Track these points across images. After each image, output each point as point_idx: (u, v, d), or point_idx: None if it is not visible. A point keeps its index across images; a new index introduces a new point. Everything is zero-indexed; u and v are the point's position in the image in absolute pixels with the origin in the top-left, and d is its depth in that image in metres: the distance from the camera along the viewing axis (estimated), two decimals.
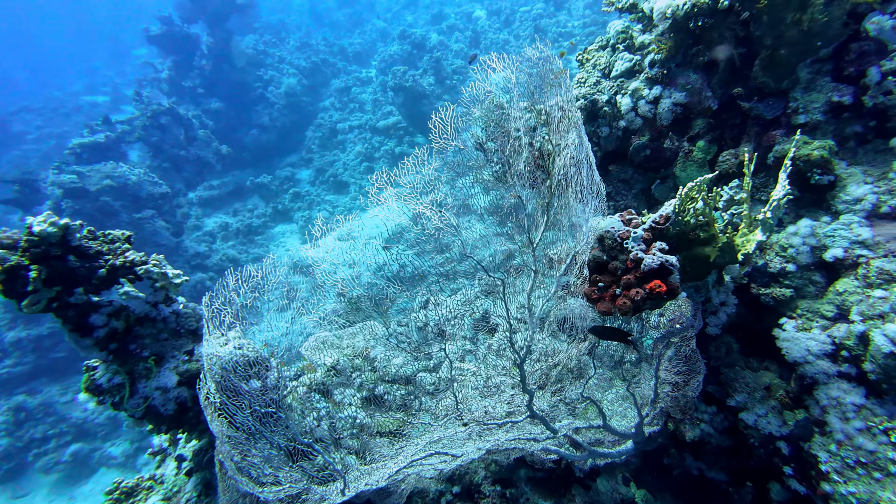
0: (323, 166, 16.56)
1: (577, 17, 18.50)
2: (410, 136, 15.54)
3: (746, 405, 3.29)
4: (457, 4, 26.08)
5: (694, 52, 3.35)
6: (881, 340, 2.51)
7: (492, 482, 4.01)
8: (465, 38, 20.43)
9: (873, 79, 2.93)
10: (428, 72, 15.24)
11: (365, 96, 19.27)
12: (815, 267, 3.00)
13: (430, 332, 5.04)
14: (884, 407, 2.73)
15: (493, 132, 4.46)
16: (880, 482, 2.63)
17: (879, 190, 2.88)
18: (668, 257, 2.58)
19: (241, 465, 2.18)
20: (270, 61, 21.65)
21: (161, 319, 3.15)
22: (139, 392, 2.95)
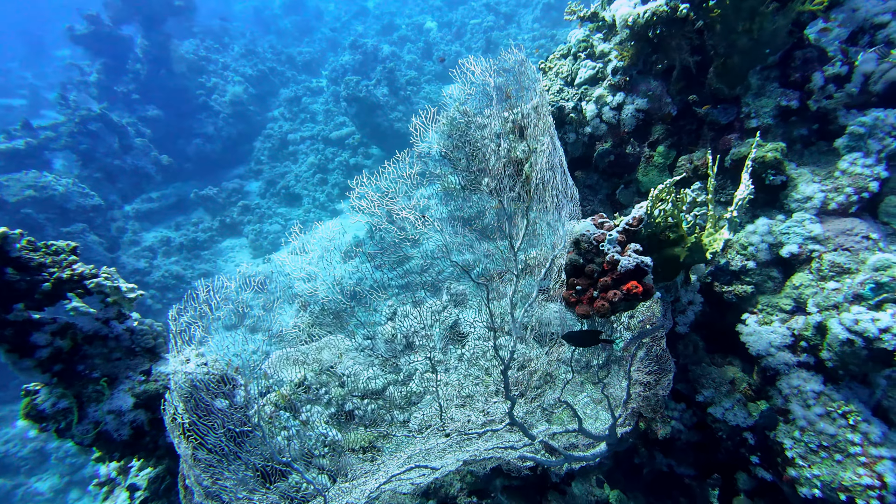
0: (274, 178, 16.06)
1: (527, 31, 19.02)
2: (365, 146, 15.37)
3: (714, 400, 3.40)
4: (407, 16, 26.21)
5: (653, 59, 3.48)
6: (837, 329, 2.66)
7: (468, 494, 3.93)
8: (417, 50, 20.53)
9: (817, 84, 3.14)
10: (381, 82, 15.15)
11: (316, 106, 18.92)
12: (773, 263, 3.16)
13: (399, 343, 4.92)
14: (840, 392, 2.90)
15: (459, 140, 4.45)
16: (841, 463, 2.78)
17: (827, 188, 3.07)
18: (644, 258, 2.63)
19: (212, 490, 2.00)
20: (213, 68, 20.88)
21: (113, 337, 2.88)
22: (89, 417, 2.68)
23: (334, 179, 14.61)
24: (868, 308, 2.59)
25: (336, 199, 14.23)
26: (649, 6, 3.18)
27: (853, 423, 2.77)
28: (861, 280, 2.67)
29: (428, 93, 16.52)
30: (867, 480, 2.67)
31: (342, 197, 14.30)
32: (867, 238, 2.90)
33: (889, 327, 2.47)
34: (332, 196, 14.34)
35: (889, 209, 3.01)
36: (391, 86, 15.37)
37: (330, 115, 17.63)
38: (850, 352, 2.65)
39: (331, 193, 14.41)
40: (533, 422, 3.44)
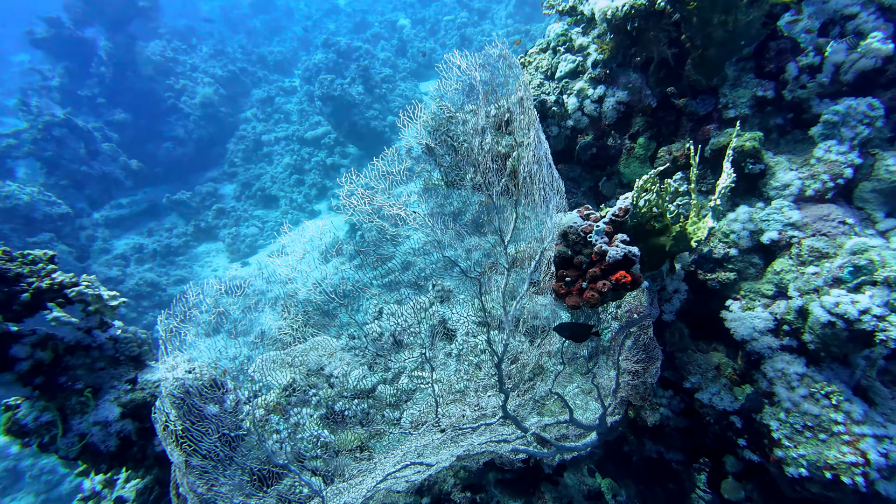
0: (249, 180, 15.76)
1: (501, 27, 19.07)
2: (342, 146, 15.20)
3: (701, 385, 3.46)
4: (380, 13, 26.02)
5: (632, 52, 3.51)
6: (819, 312, 2.73)
7: (461, 489, 3.93)
8: (391, 47, 20.39)
9: (791, 74, 3.21)
10: (356, 80, 15.00)
11: (290, 106, 18.63)
12: (754, 250, 3.22)
13: (386, 342, 4.87)
14: (822, 373, 2.98)
15: (446, 135, 4.42)
16: (826, 442, 2.86)
17: (803, 175, 3.15)
18: (631, 248, 2.65)
19: (207, 497, 1.95)
20: (181, 69, 20.38)
21: (96, 347, 2.77)
22: (73, 429, 2.58)
23: (311, 180, 14.42)
24: (847, 291, 2.66)
25: (314, 200, 14.04)
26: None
27: (836, 402, 2.85)
28: (840, 264, 2.75)
29: (404, 90, 16.44)
30: (851, 458, 2.75)
31: (320, 197, 14.13)
32: (843, 223, 2.99)
33: (868, 308, 2.55)
34: (310, 197, 14.15)
35: (863, 194, 3.10)
36: (366, 84, 15.23)
37: (304, 114, 17.38)
38: (832, 334, 2.72)
39: (308, 194, 14.21)
40: (525, 414, 3.45)
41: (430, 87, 17.70)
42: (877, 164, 3.08)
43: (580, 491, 4.06)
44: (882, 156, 3.07)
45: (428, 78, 18.58)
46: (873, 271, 2.60)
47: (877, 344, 2.56)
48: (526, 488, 4.06)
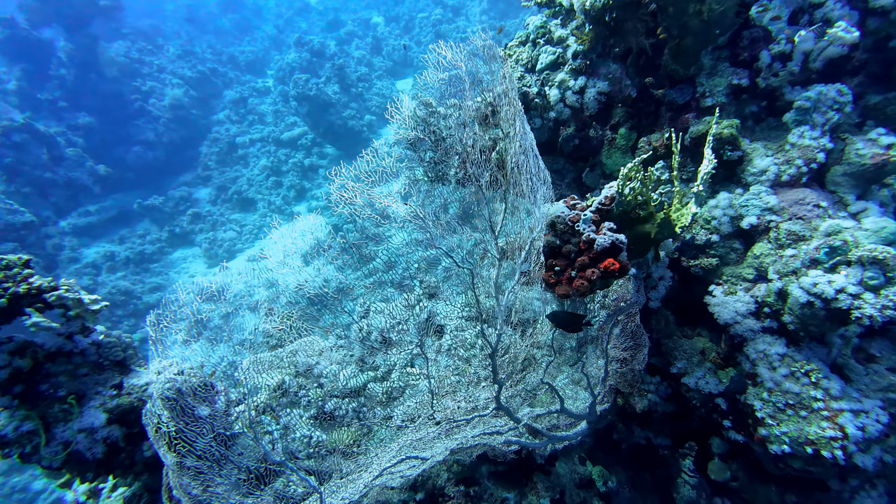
0: (224, 183, 15.45)
1: (476, 23, 19.09)
2: (319, 146, 15.01)
3: (687, 370, 3.53)
4: (352, 11, 25.78)
5: (611, 43, 3.56)
6: (798, 293, 2.81)
7: (455, 483, 3.93)
8: (365, 46, 20.23)
9: (765, 62, 3.30)
10: (332, 80, 14.84)
11: (264, 107, 18.33)
12: (735, 235, 3.30)
13: (374, 341, 4.84)
14: (802, 353, 3.07)
15: (435, 127, 4.40)
16: (806, 419, 2.95)
17: (779, 161, 3.24)
18: (618, 236, 2.69)
19: (202, 499, 1.90)
20: (148, 70, 19.86)
21: (79, 353, 2.67)
22: (57, 438, 2.49)
23: (289, 182, 14.21)
24: (824, 271, 2.75)
25: (293, 202, 13.84)
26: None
27: (815, 380, 2.95)
28: (816, 245, 2.83)
29: (380, 89, 16.33)
30: (830, 433, 2.85)
31: (299, 199, 13.93)
32: (818, 206, 3.09)
33: (844, 287, 2.64)
34: (289, 199, 13.95)
35: (835, 178, 3.21)
36: (342, 83, 15.08)
37: (279, 115, 17.12)
38: (810, 313, 2.81)
39: (287, 196, 14.00)
40: (516, 405, 3.47)
41: (407, 85, 17.63)
42: (847, 148, 3.19)
43: (572, 479, 4.10)
44: (852, 140, 3.18)
45: (404, 76, 18.50)
46: (847, 251, 2.69)
47: (852, 321, 2.65)
48: (518, 479, 4.08)
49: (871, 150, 3.07)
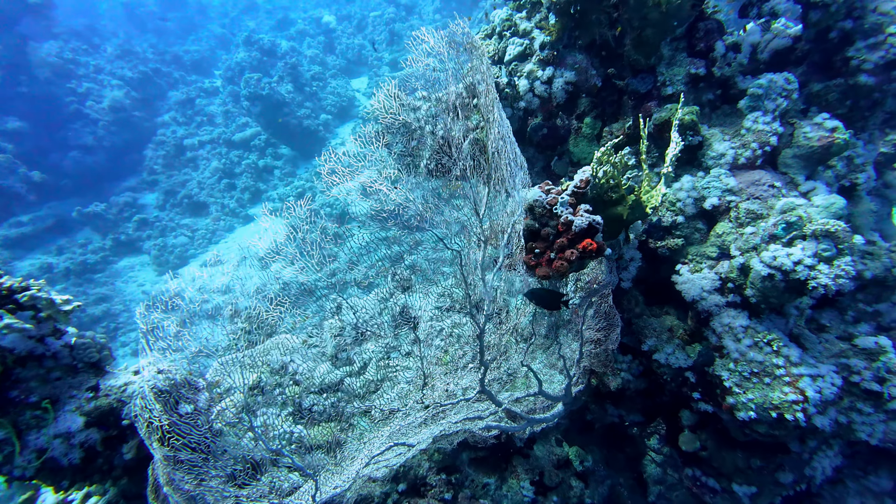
0: (173, 187, 14.77)
1: (429, 22, 19.13)
2: (273, 147, 14.61)
3: (657, 347, 3.68)
4: (302, 10, 25.27)
5: (577, 34, 3.66)
6: (759, 266, 2.99)
7: (436, 472, 3.93)
8: (318, 44, 19.86)
9: (720, 52, 3.49)
10: (284, 79, 14.48)
11: (213, 108, 17.66)
12: (698, 216, 3.47)
13: (348, 336, 4.78)
14: (763, 324, 3.27)
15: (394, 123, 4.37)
16: (770, 385, 3.14)
17: (735, 145, 3.43)
18: (595, 217, 2.77)
19: (194, 494, 1.82)
20: (84, 71, 18.75)
21: (51, 356, 2.49)
22: (30, 445, 2.30)
23: (243, 184, 13.75)
24: (782, 245, 2.94)
25: (247, 204, 13.40)
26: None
27: (776, 349, 3.14)
28: (773, 222, 3.02)
29: (335, 88, 16.08)
30: (792, 396, 3.04)
31: (254, 201, 13.52)
32: (772, 186, 3.29)
33: (801, 259, 2.82)
34: (243, 201, 13.50)
35: (786, 160, 3.43)
36: (295, 82, 14.74)
37: (230, 116, 16.54)
38: (771, 286, 2.99)
39: (241, 198, 13.55)
40: (496, 390, 3.51)
41: (362, 84, 17.45)
42: (795, 132, 3.42)
43: (550, 461, 4.19)
44: (799, 124, 3.41)
45: (359, 74, 18.31)
46: (803, 226, 2.88)
47: (809, 291, 2.84)
48: (498, 464, 4.13)
49: (817, 133, 3.30)
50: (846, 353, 3.37)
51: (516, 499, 3.98)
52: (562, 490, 4.13)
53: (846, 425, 3.40)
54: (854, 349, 3.35)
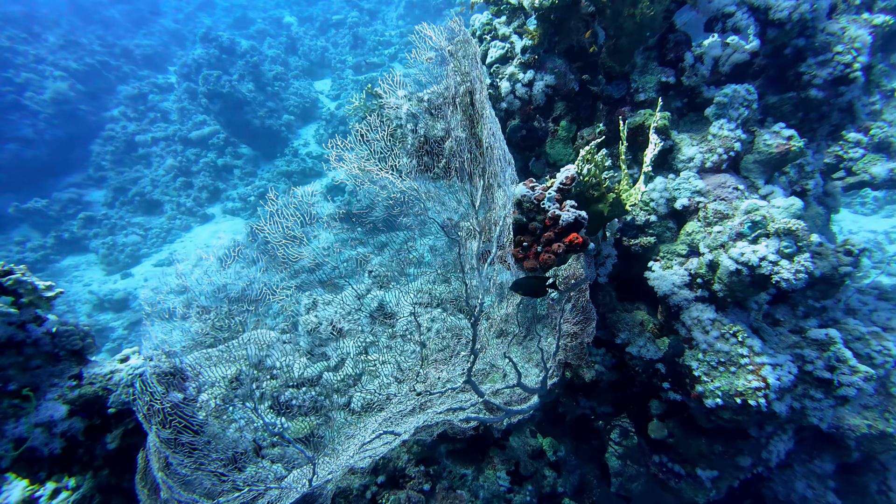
0: (123, 185, 14.04)
1: (393, 27, 19.18)
2: (233, 146, 14.18)
3: (630, 340, 3.85)
4: (261, 9, 24.73)
5: (556, 39, 3.81)
6: (727, 262, 3.20)
7: (415, 463, 3.95)
8: (279, 45, 19.48)
9: (689, 62, 3.72)
10: (246, 77, 14.11)
11: (168, 104, 16.96)
12: (669, 216, 3.68)
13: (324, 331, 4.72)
14: (728, 317, 3.49)
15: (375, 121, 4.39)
16: (735, 373, 3.35)
17: (703, 150, 3.67)
18: (580, 212, 2.90)
19: (190, 478, 1.78)
20: (23, 61, 17.63)
21: (31, 343, 2.33)
22: (7, 435, 2.15)
23: (201, 182, 13.26)
24: (749, 243, 3.16)
25: (206, 203, 12.94)
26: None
27: (741, 339, 3.36)
28: (739, 221, 3.25)
29: (298, 88, 15.81)
30: (756, 384, 3.26)
31: (213, 200, 13.06)
32: (737, 189, 3.54)
33: (765, 256, 3.05)
34: (201, 200, 13.02)
35: (747, 165, 3.70)
36: (257, 81, 14.40)
37: (186, 113, 15.94)
38: (738, 280, 3.21)
39: (198, 197, 13.06)
40: (479, 381, 3.57)
41: (325, 86, 17.24)
42: (756, 139, 3.69)
43: (525, 451, 4.29)
44: (759, 132, 3.69)
45: (322, 76, 18.08)
46: (766, 225, 3.12)
47: (772, 285, 3.07)
48: (475, 456, 4.19)
49: (776, 141, 3.58)
50: (800, 344, 3.65)
51: (493, 489, 4.05)
52: (536, 479, 4.23)
53: (800, 411, 3.68)
54: (806, 340, 3.63)
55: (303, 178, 13.10)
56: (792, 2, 3.67)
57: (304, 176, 13.12)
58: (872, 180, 5.55)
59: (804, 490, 4.85)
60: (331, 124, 14.37)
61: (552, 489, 4.30)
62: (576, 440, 4.90)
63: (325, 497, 3.53)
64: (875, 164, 5.54)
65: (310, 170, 13.26)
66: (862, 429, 4.25)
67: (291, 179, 12.78)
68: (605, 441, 5.07)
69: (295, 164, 13.20)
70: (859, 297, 5.13)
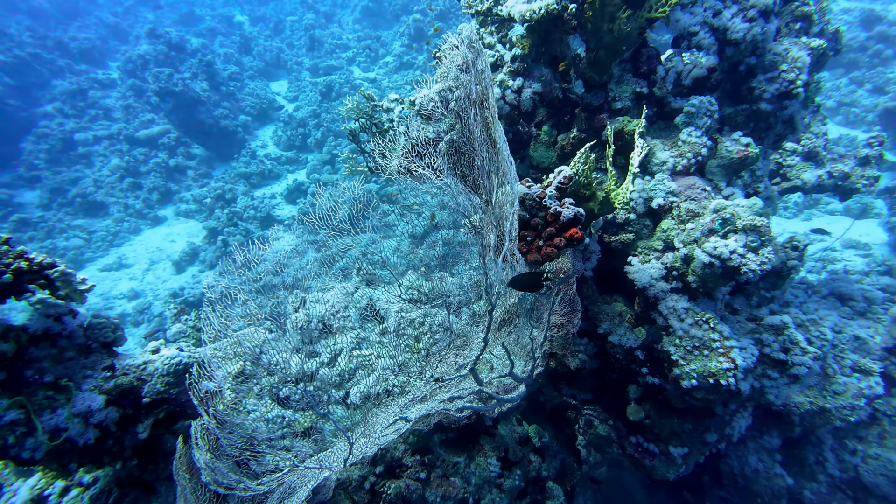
0: (61, 185, 13.14)
1: (350, 31, 19.11)
2: (185, 146, 13.63)
3: (611, 330, 4.16)
4: (209, 7, 23.87)
5: (543, 50, 4.08)
6: (702, 255, 3.56)
7: (411, 453, 4.06)
8: (232, 44, 18.91)
9: (660, 75, 4.10)
10: (199, 76, 13.63)
11: (110, 101, 16.03)
12: (647, 214, 4.02)
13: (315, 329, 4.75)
14: (700, 306, 3.86)
15: (366, 122, 4.50)
16: (708, 357, 3.72)
17: (674, 154, 4.04)
18: (579, 209, 3.15)
19: (240, 459, 1.84)
20: None
21: (66, 335, 2.27)
22: (44, 425, 2.09)
23: (151, 183, 12.65)
24: (720, 237, 3.53)
25: (156, 205, 12.34)
26: (542, 4, 3.75)
27: (713, 326, 3.73)
28: (711, 218, 3.62)
29: (254, 89, 15.43)
30: (726, 365, 3.63)
31: (164, 202, 12.49)
32: (704, 189, 3.93)
33: (735, 249, 3.43)
34: (151, 202, 12.41)
35: (711, 169, 4.11)
36: (211, 80, 13.95)
37: (132, 111, 15.14)
38: (710, 272, 3.57)
39: (148, 199, 12.44)
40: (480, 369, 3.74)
41: (282, 87, 16.91)
42: (719, 145, 4.11)
43: (513, 438, 4.49)
44: (721, 139, 4.11)
45: (278, 78, 17.72)
46: (734, 222, 3.50)
47: (741, 275, 3.45)
48: (466, 444, 4.35)
49: (736, 147, 4.01)
50: (758, 329, 4.08)
51: (484, 475, 4.22)
52: (523, 465, 4.45)
53: (759, 389, 4.11)
54: (763, 326, 4.07)
55: (262, 179, 12.80)
56: (746, 24, 4.13)
57: (262, 178, 12.81)
58: (804, 185, 6.24)
59: (756, 464, 5.36)
60: (289, 126, 14.13)
61: (537, 473, 4.52)
62: (556, 427, 5.17)
63: (328, 488, 3.60)
64: (805, 171, 6.22)
65: (269, 172, 12.97)
66: (805, 406, 4.79)
67: (250, 181, 12.46)
68: (576, 430, 5.38)
69: (253, 165, 12.88)
70: (791, 290, 5.75)
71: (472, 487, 4.23)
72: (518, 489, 4.39)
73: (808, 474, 5.58)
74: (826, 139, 6.23)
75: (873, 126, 11.66)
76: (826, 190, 6.16)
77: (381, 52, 17.43)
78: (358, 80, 15.95)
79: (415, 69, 16.01)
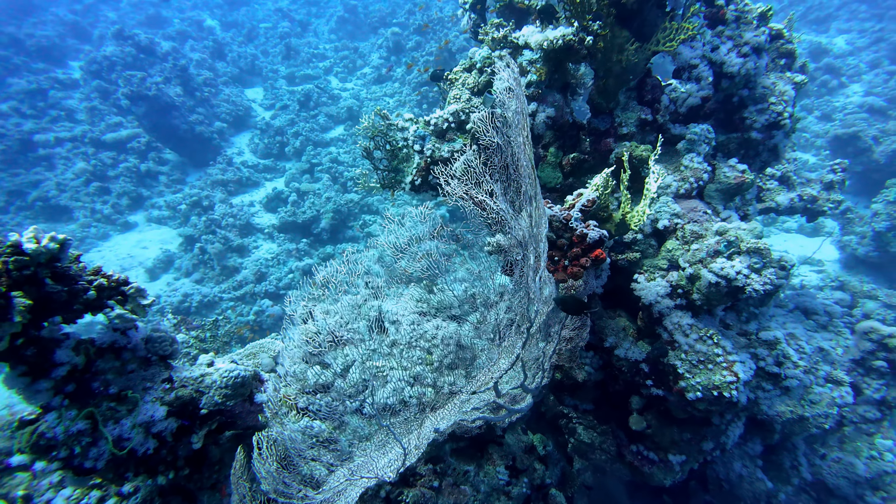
0: (19, 188, 12.42)
1: (326, 41, 19.02)
2: (157, 151, 13.17)
3: (617, 343, 4.34)
4: (177, 9, 23.21)
5: (556, 77, 4.26)
6: (708, 275, 3.79)
7: (424, 462, 4.11)
8: (204, 48, 18.44)
9: (664, 104, 4.35)
10: (172, 80, 13.25)
11: (73, 103, 15.31)
12: (652, 235, 4.23)
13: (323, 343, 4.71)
14: (702, 322, 4.09)
15: (380, 140, 4.55)
16: (712, 370, 3.94)
17: (677, 179, 4.29)
18: (603, 231, 3.31)
19: (303, 471, 1.87)
20: None
21: (130, 348, 2.23)
22: (106, 436, 2.04)
23: (121, 188, 12.13)
24: (725, 259, 3.78)
25: (126, 211, 11.84)
26: (559, 34, 3.93)
27: (716, 341, 3.96)
28: (716, 240, 3.87)
29: (229, 95, 15.10)
30: (729, 378, 3.86)
31: (135, 208, 11.99)
32: (705, 212, 4.19)
33: (740, 270, 3.67)
34: (121, 207, 11.90)
35: (710, 193, 4.38)
36: (185, 85, 13.58)
37: (97, 113, 14.51)
38: (716, 291, 3.80)
39: (118, 204, 11.92)
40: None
41: (257, 94, 16.61)
42: (716, 170, 4.39)
43: (519, 447, 4.60)
44: (719, 165, 4.40)
45: (252, 85, 17.41)
46: (739, 244, 3.75)
47: (745, 295, 3.69)
48: (475, 453, 4.43)
49: (733, 173, 4.30)
50: (752, 344, 4.36)
51: (493, 483, 4.30)
52: (529, 472, 4.56)
53: (754, 400, 4.37)
54: (758, 341, 4.34)
55: (239, 187, 12.50)
56: (740, 59, 4.46)
57: (240, 185, 12.52)
58: (777, 207, 6.68)
59: (740, 469, 5.65)
60: (266, 134, 13.90)
61: (542, 481, 4.64)
62: (555, 436, 5.31)
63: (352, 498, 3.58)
64: (779, 194, 6.67)
65: (246, 179, 12.69)
66: (787, 414, 5.10)
67: (227, 188, 12.15)
68: (566, 438, 5.54)
69: (230, 172, 12.58)
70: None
71: (481, 495, 4.30)
72: (524, 496, 4.49)
73: (783, 478, 5.92)
74: (796, 164, 6.72)
75: (822, 150, 12.57)
76: (797, 212, 6.62)
77: (359, 64, 17.43)
78: (336, 90, 15.89)
79: (393, 81, 16.10)
